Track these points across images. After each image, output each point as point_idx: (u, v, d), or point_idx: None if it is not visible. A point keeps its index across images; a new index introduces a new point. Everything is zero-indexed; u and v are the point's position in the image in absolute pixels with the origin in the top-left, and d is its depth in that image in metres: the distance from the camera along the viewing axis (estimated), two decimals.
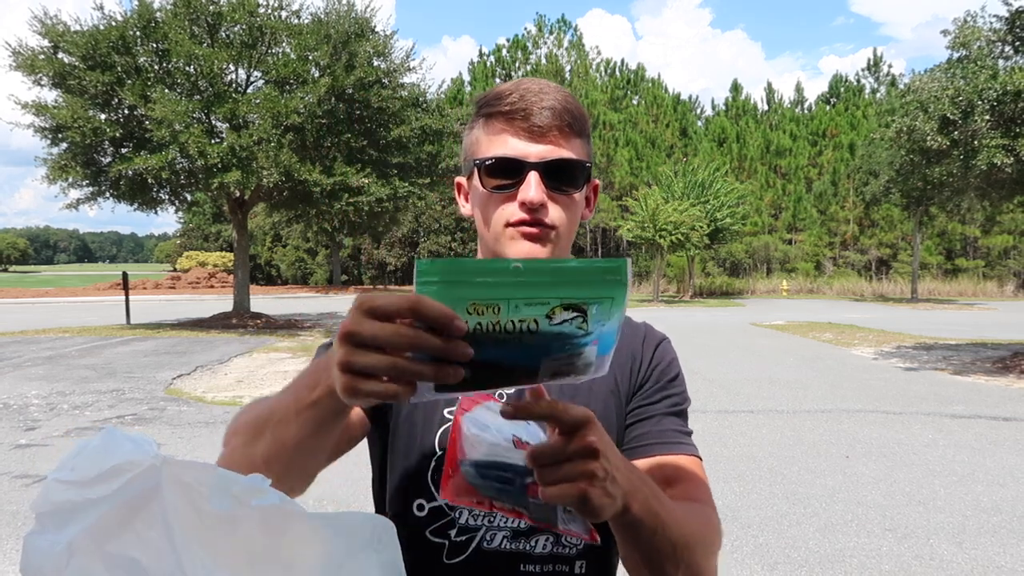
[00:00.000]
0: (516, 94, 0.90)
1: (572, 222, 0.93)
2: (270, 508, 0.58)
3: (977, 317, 22.82)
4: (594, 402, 0.96)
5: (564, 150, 0.90)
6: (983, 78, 10.53)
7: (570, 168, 0.90)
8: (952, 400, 8.43)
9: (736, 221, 32.19)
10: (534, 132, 0.89)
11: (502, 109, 0.90)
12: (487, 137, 0.92)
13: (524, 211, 0.89)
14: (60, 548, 0.55)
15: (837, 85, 49.88)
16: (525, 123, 0.89)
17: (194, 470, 0.58)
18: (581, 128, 0.92)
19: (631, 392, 1.00)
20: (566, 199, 0.91)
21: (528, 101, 0.89)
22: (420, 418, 0.96)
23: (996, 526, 4.35)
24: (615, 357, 0.95)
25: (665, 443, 0.95)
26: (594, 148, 0.96)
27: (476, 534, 0.91)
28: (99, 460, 0.57)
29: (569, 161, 0.90)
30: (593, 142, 0.93)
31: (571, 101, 0.91)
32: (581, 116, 0.92)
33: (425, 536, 0.91)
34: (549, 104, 0.89)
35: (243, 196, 17.97)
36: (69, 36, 15.07)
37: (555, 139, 0.89)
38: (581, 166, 0.91)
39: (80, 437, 6.50)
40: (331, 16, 16.62)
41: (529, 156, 0.89)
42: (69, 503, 0.56)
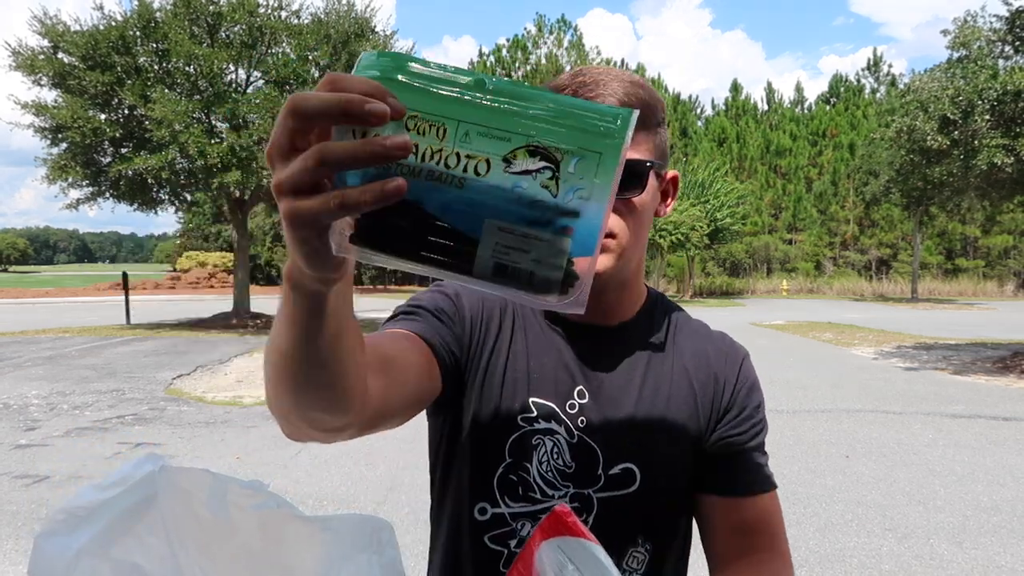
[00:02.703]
0: (571, 88, 0.83)
1: (637, 228, 0.86)
2: (267, 512, 0.58)
3: (977, 317, 22.81)
4: (669, 424, 0.92)
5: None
6: (983, 78, 10.52)
7: (630, 169, 0.82)
8: (952, 400, 8.43)
9: (736, 221, 32.20)
10: None
11: None
12: None
13: None
14: (70, 553, 0.56)
15: (837, 85, 49.87)
16: None
17: (191, 476, 0.58)
18: (646, 120, 0.84)
19: (716, 417, 0.95)
20: (627, 204, 0.84)
21: (582, 97, 0.81)
22: (490, 417, 0.91)
23: (996, 526, 4.35)
24: (696, 371, 0.95)
25: (754, 482, 0.93)
26: (667, 139, 0.89)
27: None
28: (120, 472, 0.58)
29: (627, 163, 0.84)
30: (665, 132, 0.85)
31: (633, 90, 0.83)
32: (648, 106, 0.84)
33: (483, 541, 0.89)
34: (607, 99, 0.81)
35: (243, 196, 17.97)
36: (69, 36, 15.07)
37: None
38: (641, 167, 0.84)
39: (80, 437, 6.51)
40: (331, 16, 16.62)
41: None
42: (81, 509, 0.57)
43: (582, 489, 0.89)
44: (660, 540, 0.92)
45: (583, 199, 0.44)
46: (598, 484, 0.89)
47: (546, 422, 0.90)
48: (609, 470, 0.89)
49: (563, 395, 0.91)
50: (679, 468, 0.92)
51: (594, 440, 0.90)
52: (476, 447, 0.92)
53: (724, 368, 0.98)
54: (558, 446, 0.89)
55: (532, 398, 0.91)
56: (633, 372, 0.93)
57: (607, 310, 0.94)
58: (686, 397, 0.94)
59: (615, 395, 0.92)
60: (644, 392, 0.92)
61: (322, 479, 5.14)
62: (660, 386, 0.93)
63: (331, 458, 5.61)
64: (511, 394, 0.91)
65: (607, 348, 0.94)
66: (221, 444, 6.29)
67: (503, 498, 0.89)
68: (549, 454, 0.89)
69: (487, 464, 0.90)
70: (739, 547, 0.92)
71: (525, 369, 0.92)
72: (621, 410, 0.91)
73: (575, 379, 0.92)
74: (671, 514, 0.94)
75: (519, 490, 0.89)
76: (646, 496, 0.90)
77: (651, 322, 0.97)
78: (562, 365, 0.92)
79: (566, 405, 0.91)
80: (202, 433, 6.71)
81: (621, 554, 0.89)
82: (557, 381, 0.91)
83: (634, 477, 0.90)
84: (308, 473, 5.29)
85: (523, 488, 0.89)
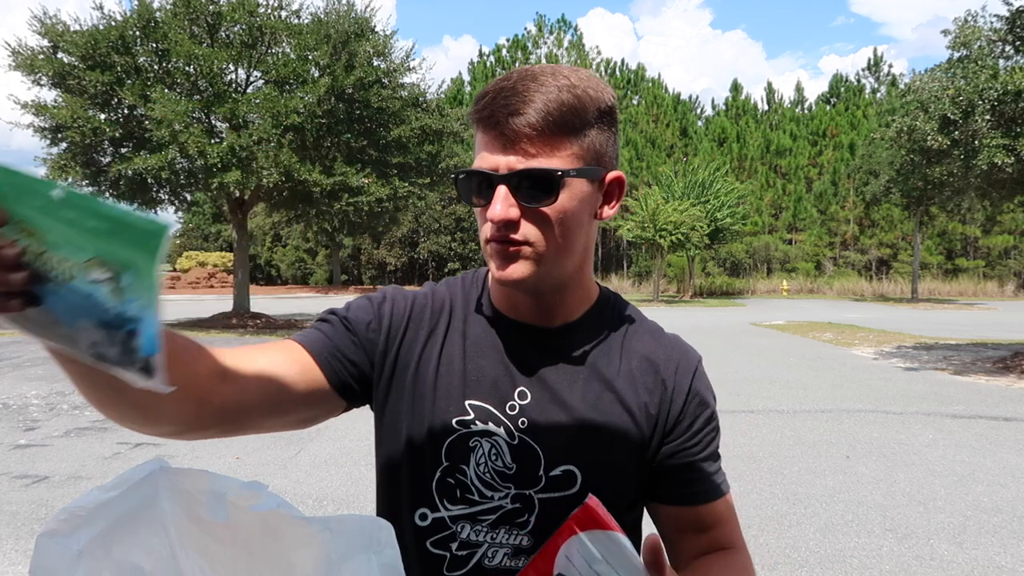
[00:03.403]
0: (490, 96, 0.82)
1: (560, 235, 0.84)
2: (267, 513, 0.58)
3: (977, 317, 22.82)
4: (612, 427, 0.91)
5: (537, 159, 0.80)
6: (983, 78, 10.52)
7: (538, 179, 0.81)
8: (952, 400, 8.42)
9: (736, 221, 32.21)
10: (504, 141, 0.81)
11: (477, 116, 0.83)
12: (475, 146, 0.86)
13: (493, 228, 0.83)
14: (72, 553, 0.56)
15: (837, 85, 49.90)
16: (495, 131, 0.81)
17: (192, 477, 0.58)
18: (570, 125, 0.81)
19: (664, 428, 0.93)
20: (540, 212, 0.83)
21: (498, 105, 0.80)
22: (425, 422, 0.91)
23: (997, 526, 4.35)
24: (643, 376, 0.95)
25: (708, 491, 0.94)
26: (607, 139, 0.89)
27: (478, 550, 0.89)
28: (123, 474, 0.58)
29: (535, 172, 0.80)
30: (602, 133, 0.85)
31: (556, 96, 0.80)
32: (572, 110, 0.81)
33: (426, 546, 0.90)
34: (521, 107, 0.80)
35: (243, 196, 17.97)
36: (69, 36, 15.07)
37: (527, 147, 0.80)
38: (551, 176, 0.81)
39: (79, 437, 6.50)
40: (331, 16, 16.62)
41: (499, 168, 0.81)
42: (83, 510, 0.57)
43: (523, 490, 0.89)
44: None
45: (141, 307, 0.49)
46: (539, 485, 0.89)
47: (483, 424, 0.89)
48: (550, 471, 0.89)
49: (502, 397, 0.90)
50: (623, 473, 0.91)
51: (535, 441, 0.89)
52: (413, 453, 0.91)
53: (675, 376, 0.95)
54: (496, 448, 0.89)
55: (469, 400, 0.90)
56: (577, 374, 0.92)
57: (548, 311, 0.93)
58: (632, 402, 0.92)
59: (557, 396, 0.91)
60: (587, 394, 0.91)
61: (322, 479, 5.14)
62: (604, 390, 0.92)
63: (331, 458, 5.60)
64: (445, 397, 0.91)
65: (550, 349, 0.93)
66: (220, 444, 6.28)
67: (442, 502, 0.89)
68: (487, 456, 0.89)
69: (424, 469, 0.90)
70: (699, 546, 0.95)
71: (461, 372, 0.92)
72: (563, 411, 0.90)
73: (515, 380, 0.91)
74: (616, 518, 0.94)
75: (457, 493, 0.89)
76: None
77: (599, 323, 0.96)
78: (502, 367, 0.92)
79: (505, 407, 0.90)
80: None
81: None
82: (496, 383, 0.91)
83: (575, 479, 0.89)
84: (308, 473, 5.29)
85: (461, 491, 0.89)
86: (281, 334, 15.98)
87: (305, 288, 44.19)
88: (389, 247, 46.59)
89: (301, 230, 40.89)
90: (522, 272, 0.84)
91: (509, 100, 0.80)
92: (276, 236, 49.73)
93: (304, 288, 44.24)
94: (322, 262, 49.43)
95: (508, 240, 0.83)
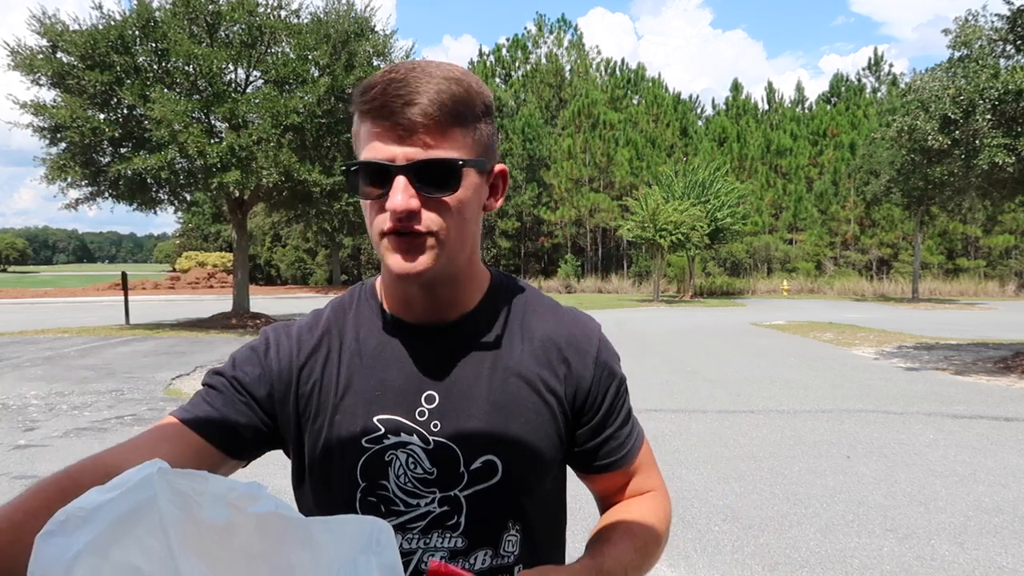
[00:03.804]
0: (380, 87, 0.81)
1: (459, 225, 0.85)
2: (267, 514, 0.57)
3: (978, 317, 22.82)
4: (527, 414, 0.92)
5: (436, 149, 0.81)
6: (984, 77, 10.52)
7: (440, 169, 0.82)
8: (953, 400, 8.42)
9: (736, 221, 32.21)
10: (401, 131, 0.81)
11: (365, 107, 0.82)
12: (362, 136, 0.85)
13: (393, 219, 0.82)
14: (69, 555, 0.56)
15: (838, 84, 49.90)
16: (389, 121, 0.81)
17: (190, 479, 0.57)
18: (463, 118, 0.83)
19: (576, 406, 0.95)
20: (442, 202, 0.83)
21: (390, 96, 0.80)
22: (332, 449, 0.91)
23: (998, 526, 4.34)
24: (547, 355, 0.96)
25: (626, 455, 0.99)
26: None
27: (412, 557, 0.89)
28: (122, 476, 0.58)
29: (437, 162, 0.81)
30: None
31: (447, 87, 0.81)
32: (463, 104, 0.82)
33: None
34: (414, 98, 0.80)
35: (243, 196, 17.97)
36: (68, 36, 15.06)
37: (423, 137, 0.81)
38: (452, 166, 0.82)
39: (79, 438, 6.50)
40: (331, 16, 16.62)
41: (396, 158, 0.81)
42: (81, 511, 0.57)
43: (448, 491, 0.89)
44: (529, 522, 0.94)
45: None
46: (462, 482, 0.89)
47: (395, 436, 0.89)
48: (471, 466, 0.89)
49: (409, 404, 0.90)
50: (540, 455, 0.92)
51: (451, 441, 0.89)
52: (326, 482, 0.91)
53: (577, 352, 0.96)
54: (413, 456, 0.89)
55: (376, 416, 0.90)
56: (481, 364, 0.92)
57: (444, 305, 0.93)
58: (539, 384, 0.93)
59: (465, 391, 0.91)
60: (494, 383, 0.91)
61: None
62: (509, 375, 0.92)
63: None
64: (349, 420, 0.90)
65: (450, 344, 0.93)
66: None
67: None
68: (405, 466, 0.89)
69: (344, 494, 0.90)
70: (624, 499, 1.02)
71: (364, 390, 0.91)
72: (473, 405, 0.90)
73: (421, 385, 0.91)
74: (539, 498, 0.96)
75: (381, 508, 0.89)
76: (511, 484, 0.90)
77: (495, 309, 0.96)
78: (404, 375, 0.91)
79: (415, 413, 0.90)
80: None
81: (496, 541, 0.91)
82: (401, 392, 0.91)
83: (496, 468, 0.90)
84: None
85: (385, 505, 0.89)
86: None
87: (305, 288, 44.21)
88: None
89: (301, 230, 40.94)
90: (426, 263, 0.84)
91: (402, 90, 0.80)
92: (276, 236, 49.77)
93: (304, 288, 44.26)
94: (322, 262, 49.47)
95: (410, 232, 0.83)
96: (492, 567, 0.91)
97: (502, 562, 0.91)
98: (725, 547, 4.02)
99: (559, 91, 47.68)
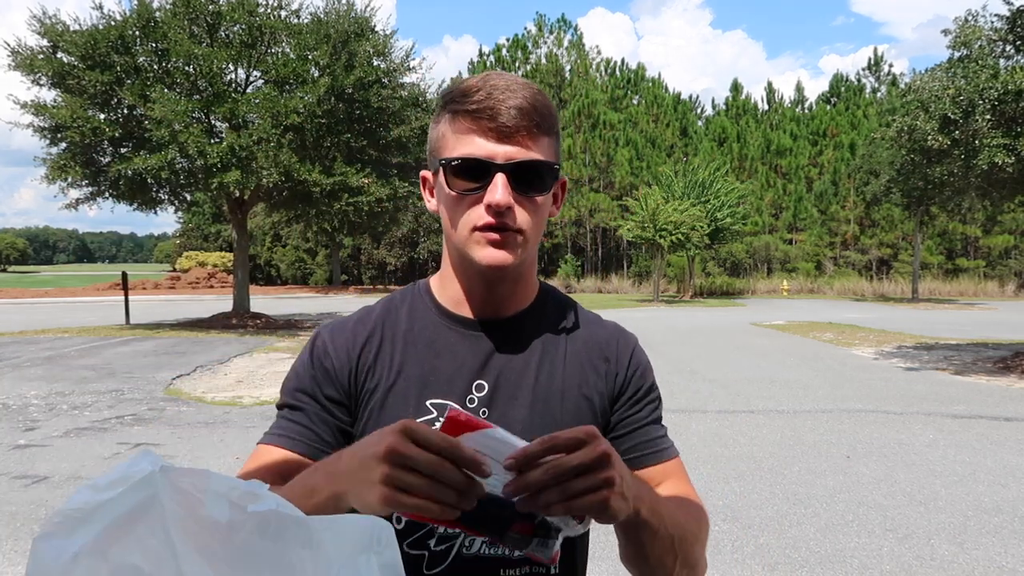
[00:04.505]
0: (483, 91, 0.87)
1: (539, 225, 0.92)
2: (268, 513, 0.57)
3: (978, 317, 22.82)
4: (567, 405, 0.97)
5: (532, 151, 0.88)
6: (984, 77, 10.51)
7: (538, 170, 0.89)
8: (953, 400, 8.42)
9: (736, 221, 32.20)
10: (501, 132, 0.87)
11: (468, 108, 0.87)
12: (454, 136, 0.90)
13: (490, 214, 0.87)
14: (68, 555, 0.56)
15: (838, 84, 49.88)
16: (492, 123, 0.86)
17: (192, 476, 0.57)
18: (550, 126, 0.90)
19: (611, 400, 1.00)
20: (533, 202, 0.90)
21: (495, 99, 0.86)
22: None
23: (997, 526, 4.35)
24: (589, 355, 1.02)
25: (655, 452, 1.00)
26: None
27: (455, 541, 0.92)
28: (116, 472, 0.58)
29: (537, 163, 0.88)
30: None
31: (539, 98, 0.89)
32: (550, 114, 0.90)
33: (403, 549, 0.92)
34: (517, 103, 0.86)
35: (243, 196, 17.96)
36: (68, 36, 15.05)
37: (523, 140, 0.87)
38: (549, 168, 0.90)
39: (79, 437, 6.50)
40: (331, 16, 16.61)
41: (496, 157, 0.87)
42: (80, 511, 0.56)
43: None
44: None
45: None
46: None
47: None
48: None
49: (461, 391, 0.95)
50: None
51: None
52: None
53: (616, 352, 1.02)
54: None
55: (429, 400, 0.94)
56: (530, 358, 0.98)
57: (502, 302, 0.98)
58: (581, 380, 0.99)
59: (513, 381, 0.96)
60: (541, 376, 0.97)
61: None
62: (555, 370, 0.98)
63: None
64: (403, 404, 0.94)
65: (503, 339, 0.98)
66: (220, 444, 6.29)
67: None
68: None
69: None
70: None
71: (417, 375, 0.95)
72: (520, 395, 0.95)
73: (472, 374, 0.95)
74: None
75: None
76: None
77: (544, 311, 1.02)
78: (456, 364, 0.96)
79: (465, 400, 0.94)
80: (201, 433, 6.70)
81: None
82: (452, 379, 0.95)
83: None
84: None
85: None
86: (281, 334, 15.98)
87: (305, 288, 44.19)
88: (389, 247, 46.60)
89: (301, 230, 40.91)
90: (510, 259, 0.90)
91: (504, 94, 0.87)
92: (276, 236, 49.74)
93: (304, 288, 44.25)
94: (322, 262, 49.44)
95: (504, 227, 0.88)
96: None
97: None
98: (725, 547, 4.02)
99: (559, 91, 47.63)
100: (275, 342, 14.39)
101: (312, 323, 19.17)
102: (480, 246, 0.89)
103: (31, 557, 0.55)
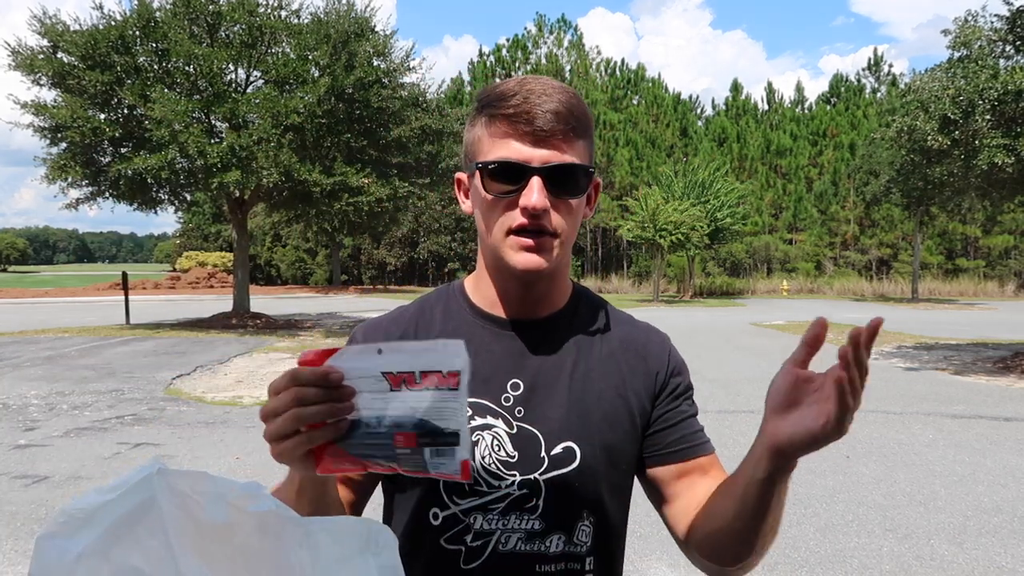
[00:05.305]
0: (520, 95, 0.88)
1: (574, 227, 0.93)
2: (266, 514, 0.58)
3: (978, 317, 22.82)
4: (603, 405, 0.97)
5: (567, 155, 0.89)
6: (984, 78, 10.52)
7: (573, 173, 0.90)
8: (953, 400, 8.42)
9: (736, 221, 32.20)
10: (537, 136, 0.88)
11: (505, 111, 0.88)
12: (489, 139, 0.91)
13: (526, 217, 0.88)
14: (71, 556, 0.56)
15: (838, 85, 49.89)
16: (528, 127, 0.87)
17: (190, 479, 0.58)
18: (585, 130, 0.91)
19: (652, 397, 1.01)
20: (569, 205, 0.91)
21: (532, 103, 0.87)
22: None
23: (997, 526, 4.35)
24: (624, 355, 1.02)
25: (700, 444, 1.02)
26: (594, 148, 0.97)
27: (491, 538, 0.92)
28: (122, 477, 0.58)
29: (572, 166, 0.89)
30: (594, 142, 0.93)
31: (575, 102, 0.90)
32: (585, 118, 0.91)
33: (440, 544, 0.93)
34: (553, 107, 0.88)
35: (243, 196, 17.96)
36: (68, 36, 15.05)
37: (558, 143, 0.88)
38: (584, 171, 0.91)
39: (79, 437, 6.50)
40: (331, 16, 16.60)
41: (532, 161, 0.88)
42: (83, 512, 0.57)
43: (528, 475, 0.93)
44: (603, 515, 0.97)
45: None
46: (542, 467, 0.93)
47: (482, 418, 0.94)
48: (551, 451, 0.94)
49: (497, 390, 0.95)
50: (615, 443, 0.97)
51: (533, 426, 0.94)
52: None
53: (651, 352, 1.03)
54: (498, 439, 0.93)
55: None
56: (565, 358, 0.98)
57: (536, 303, 0.99)
58: (617, 379, 0.99)
59: (549, 381, 0.96)
60: (575, 376, 0.97)
61: None
62: (590, 369, 0.99)
63: None
64: None
65: (537, 338, 0.99)
66: (220, 444, 6.29)
67: (451, 499, 0.93)
68: (490, 447, 0.93)
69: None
70: (701, 492, 0.97)
71: None
72: (555, 394, 0.96)
73: (508, 373, 0.96)
74: (612, 492, 0.99)
75: (465, 487, 0.92)
76: (587, 472, 0.94)
77: (578, 311, 1.03)
78: (491, 364, 0.96)
79: (501, 399, 0.95)
80: (201, 433, 6.70)
81: (571, 529, 0.94)
82: (488, 379, 0.95)
83: (574, 454, 0.94)
84: None
85: (469, 485, 0.92)
86: (281, 334, 15.99)
87: (305, 288, 44.18)
88: (389, 247, 46.56)
89: (301, 230, 40.86)
90: (545, 262, 0.91)
91: (540, 98, 0.88)
92: (276, 236, 49.71)
93: (304, 288, 44.24)
94: (322, 262, 49.42)
95: (540, 229, 0.89)
96: (564, 552, 0.94)
97: (574, 550, 0.94)
98: None
99: None
100: (275, 342, 14.39)
101: (312, 323, 19.17)
102: (514, 251, 0.90)
103: (35, 555, 0.56)
